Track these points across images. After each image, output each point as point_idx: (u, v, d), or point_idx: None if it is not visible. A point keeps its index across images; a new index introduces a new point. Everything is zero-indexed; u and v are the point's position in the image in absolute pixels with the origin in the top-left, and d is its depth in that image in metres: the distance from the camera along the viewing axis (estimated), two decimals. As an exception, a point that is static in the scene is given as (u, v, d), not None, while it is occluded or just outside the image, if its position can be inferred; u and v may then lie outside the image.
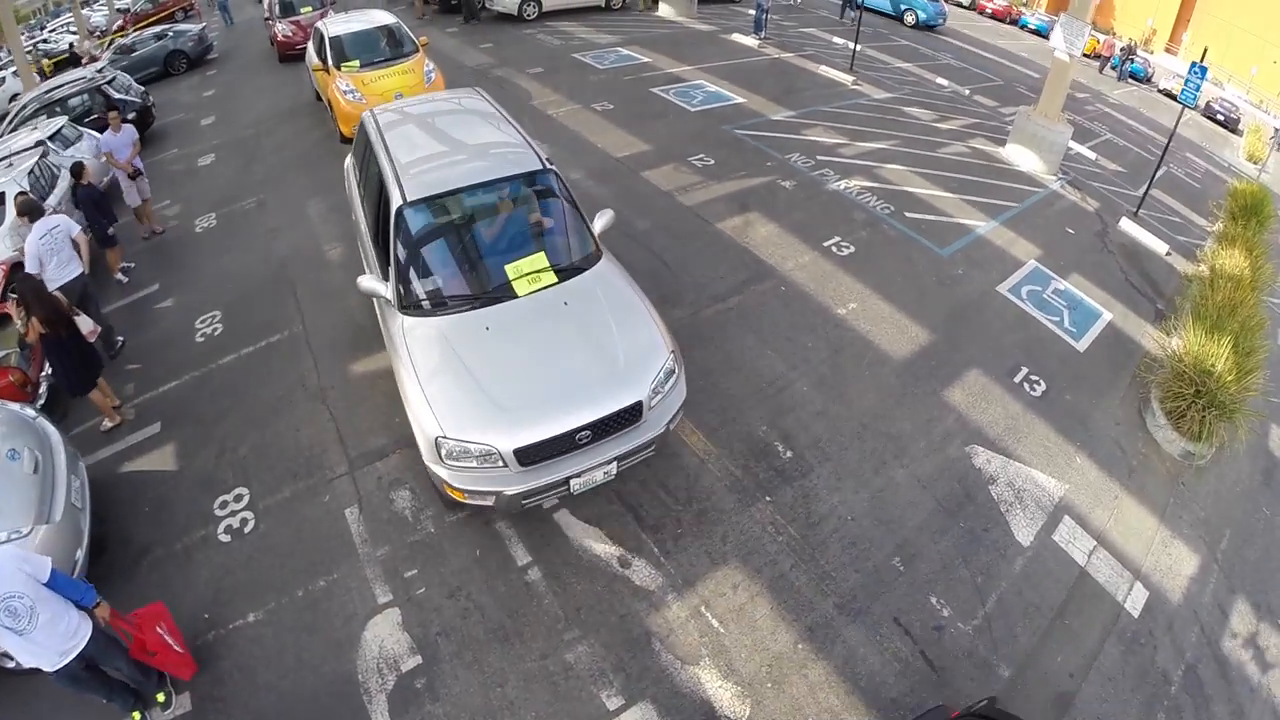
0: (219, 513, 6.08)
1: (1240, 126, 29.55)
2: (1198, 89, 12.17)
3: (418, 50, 12.81)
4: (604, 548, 5.67)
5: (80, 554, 5.31)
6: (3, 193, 9.10)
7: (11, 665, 4.60)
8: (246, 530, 5.92)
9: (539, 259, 5.70)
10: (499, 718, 4.61)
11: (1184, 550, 6.81)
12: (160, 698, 4.84)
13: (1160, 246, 11.66)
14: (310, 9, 19.56)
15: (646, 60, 17.04)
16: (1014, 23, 36.94)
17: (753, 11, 20.73)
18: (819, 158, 12.28)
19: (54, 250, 7.63)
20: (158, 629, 4.71)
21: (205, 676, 4.92)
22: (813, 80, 17.09)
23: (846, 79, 17.35)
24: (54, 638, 4.02)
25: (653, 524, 5.88)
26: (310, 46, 13.59)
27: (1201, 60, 12.12)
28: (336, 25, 13.00)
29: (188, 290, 9.11)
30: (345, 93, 11.63)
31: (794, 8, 26.30)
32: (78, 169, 9.01)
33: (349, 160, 8.15)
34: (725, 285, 8.57)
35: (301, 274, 9.08)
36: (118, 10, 32.01)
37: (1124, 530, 6.80)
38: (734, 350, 7.69)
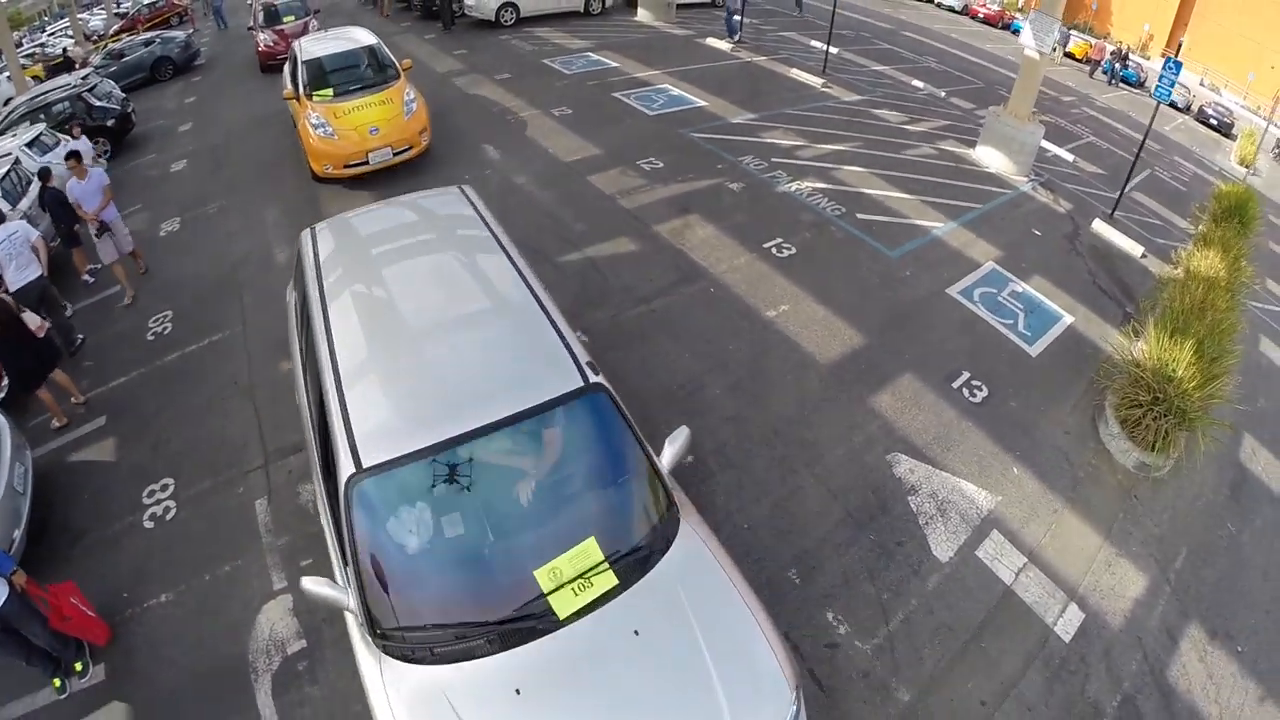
0: (146, 501, 6.39)
1: (1234, 131, 29.57)
2: (1172, 84, 12.17)
3: (399, 76, 11.76)
4: None
5: (18, 534, 5.67)
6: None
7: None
8: (168, 518, 6.23)
9: (588, 550, 3.73)
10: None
11: (1130, 570, 6.46)
12: (78, 666, 5.14)
13: (1135, 249, 11.56)
14: (293, 18, 19.65)
15: (614, 65, 17.25)
16: (1006, 27, 37.04)
17: (742, 20, 20.95)
18: (773, 160, 12.41)
19: (12, 255, 7.97)
20: (69, 602, 5.03)
21: (119, 649, 5.24)
22: (782, 84, 17.24)
23: (817, 82, 17.49)
24: None
25: None
26: (285, 69, 12.84)
27: (1177, 55, 12.21)
28: (312, 46, 12.13)
29: (145, 291, 9.43)
30: (316, 127, 10.59)
31: (774, 13, 26.43)
32: (44, 173, 9.48)
33: (289, 289, 6.54)
34: (652, 287, 8.73)
35: (250, 277, 9.40)
36: (115, 15, 32.60)
37: (1061, 547, 6.48)
38: (650, 354, 7.73)
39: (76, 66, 20.69)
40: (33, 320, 7.20)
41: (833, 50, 20.46)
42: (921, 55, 24.09)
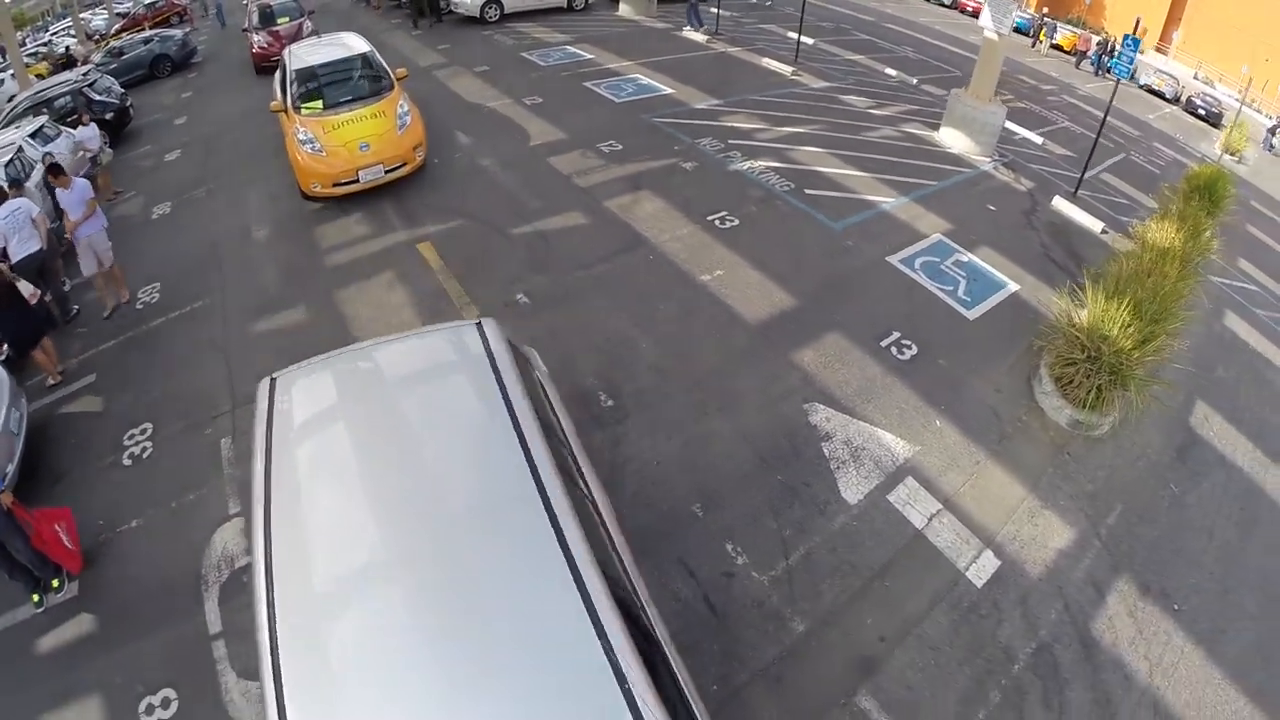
0: (126, 443, 7.12)
1: (1224, 122, 29.67)
2: (1131, 61, 12.34)
3: (393, 86, 11.29)
4: None
5: (11, 468, 6.40)
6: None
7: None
8: (144, 456, 6.96)
9: None
10: None
11: (1056, 522, 6.52)
12: (55, 584, 5.83)
13: (1095, 225, 11.74)
14: (288, 19, 19.74)
15: (589, 57, 17.90)
16: None
17: (719, 12, 21.47)
18: (730, 142, 12.98)
19: (16, 229, 8.70)
20: (56, 527, 5.75)
21: (92, 570, 5.92)
22: (752, 72, 17.79)
23: (786, 70, 18.01)
24: None
25: None
26: (275, 78, 12.22)
27: (1135, 32, 12.56)
28: (302, 54, 11.69)
29: (137, 266, 10.17)
30: (304, 143, 10.16)
31: (757, 6, 26.97)
32: (55, 169, 10.24)
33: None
34: (595, 255, 9.36)
35: (229, 252, 10.16)
36: (117, 15, 33.55)
37: (980, 496, 6.57)
38: (585, 311, 8.31)
39: (79, 64, 21.56)
40: (26, 289, 7.96)
41: (809, 41, 21.08)
42: (900, 45, 24.51)
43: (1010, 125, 16.96)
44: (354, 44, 12.04)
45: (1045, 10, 38.40)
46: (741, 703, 4.88)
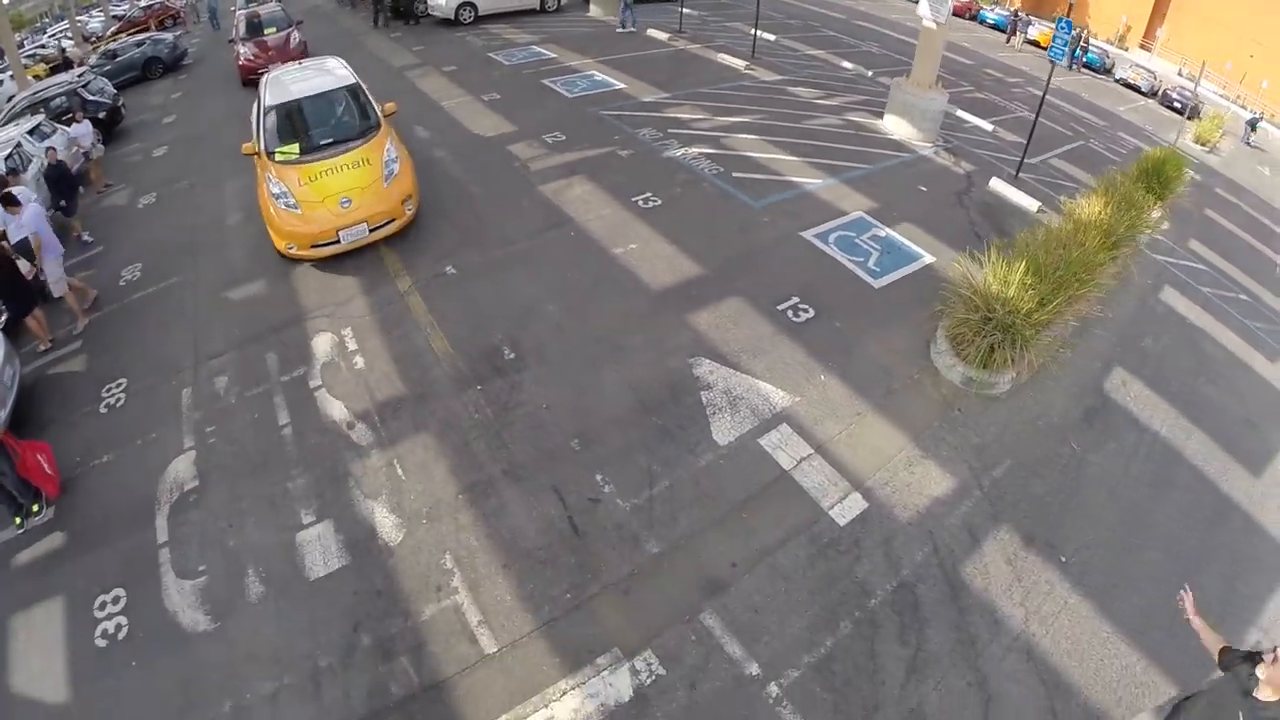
0: (104, 395, 8.25)
1: (1202, 115, 29.33)
2: (1064, 44, 12.63)
3: (379, 126, 10.18)
4: (342, 415, 7.56)
5: (4, 414, 7.54)
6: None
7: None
8: (118, 405, 8.09)
9: None
10: (235, 521, 6.60)
11: (934, 470, 6.80)
12: (35, 508, 6.95)
13: (1032, 204, 12.16)
14: (275, 30, 19.23)
15: (552, 56, 18.97)
16: (973, 17, 37.79)
17: (682, 10, 22.43)
18: (670, 131, 13.97)
19: (26, 200, 9.88)
20: (38, 456, 6.88)
21: (66, 497, 7.03)
22: (706, 67, 18.74)
23: (740, 65, 18.96)
24: None
25: (382, 401, 7.63)
26: (252, 110, 10.97)
27: (1068, 14, 13.02)
28: (280, 85, 10.64)
29: (124, 249, 11.35)
30: (277, 196, 9.13)
31: (726, 5, 27.82)
32: (51, 153, 11.58)
33: None
34: (522, 233, 10.42)
35: (204, 236, 11.30)
36: (113, 17, 34.80)
37: (855, 444, 6.96)
38: (505, 280, 9.34)
39: (75, 66, 22.77)
40: (24, 266, 9.14)
41: (770, 37, 22.04)
42: (864, 41, 25.29)
43: (961, 113, 17.83)
44: (338, 72, 10.96)
45: (1020, 7, 38.83)
46: (590, 611, 5.58)
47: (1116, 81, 31.74)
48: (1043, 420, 7.68)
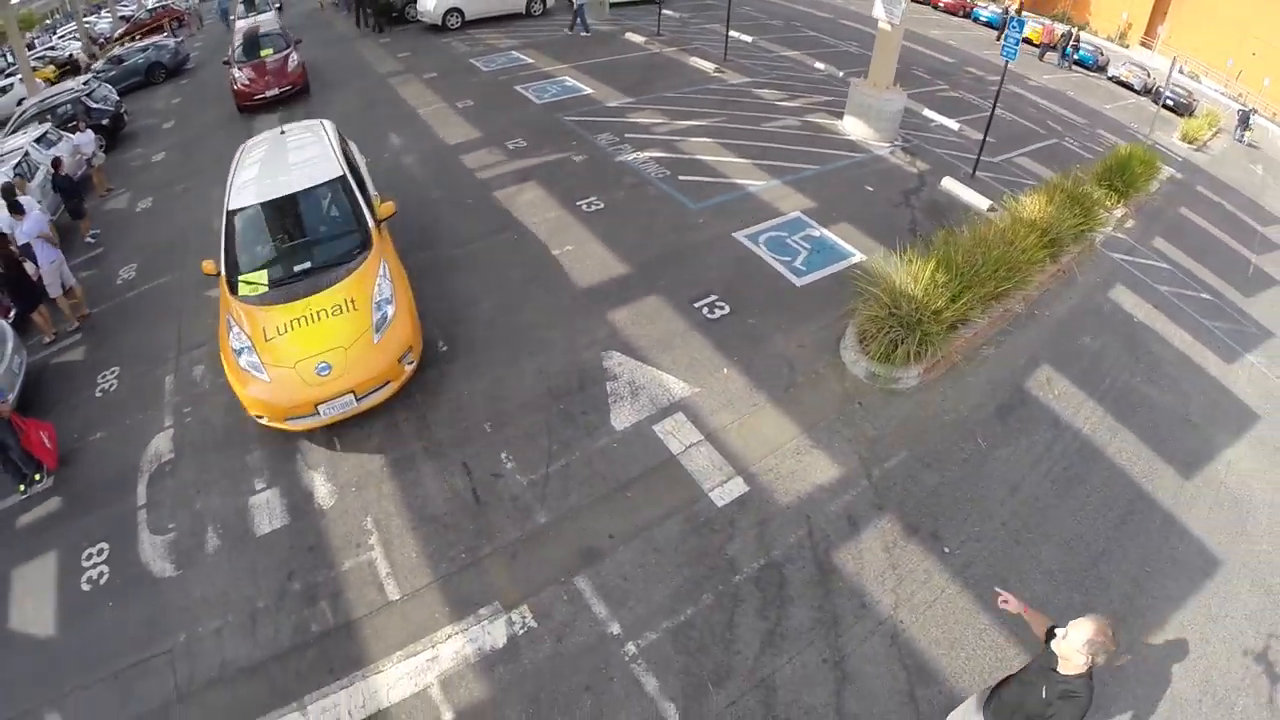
0: (99, 382, 9.54)
1: (1197, 113, 28.83)
2: (1016, 42, 12.61)
3: (370, 244, 8.09)
4: None
5: (11, 396, 8.74)
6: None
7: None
8: (111, 390, 9.37)
9: None
10: (202, 489, 7.78)
11: (822, 460, 7.18)
12: (37, 477, 8.22)
13: (983, 203, 12.32)
14: (272, 51, 18.35)
15: (529, 62, 19.97)
16: (966, 15, 37.67)
17: (660, 13, 23.13)
18: (626, 136, 14.83)
19: (29, 207, 11.09)
20: (41, 434, 8.13)
21: (64, 468, 8.29)
22: (676, 71, 19.49)
23: (710, 67, 19.64)
24: None
25: None
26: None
27: (1019, 14, 13.32)
28: (251, 171, 8.95)
29: (122, 250, 12.66)
30: (238, 352, 7.45)
31: (709, 6, 28.38)
32: (56, 162, 12.87)
33: None
34: (472, 235, 11.48)
35: (194, 238, 12.51)
36: (121, 19, 36.04)
37: (746, 433, 7.45)
38: (448, 280, 10.26)
39: (83, 69, 24.06)
40: (31, 269, 10.46)
41: (747, 39, 22.69)
42: (845, 41, 25.63)
43: (929, 113, 18.00)
44: (327, 155, 8.96)
45: (1015, 4, 38.77)
46: (480, 569, 6.49)
47: (1109, 79, 31.40)
48: (949, 416, 7.89)
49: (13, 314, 10.54)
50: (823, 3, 33.27)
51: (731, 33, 22.61)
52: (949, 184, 13.11)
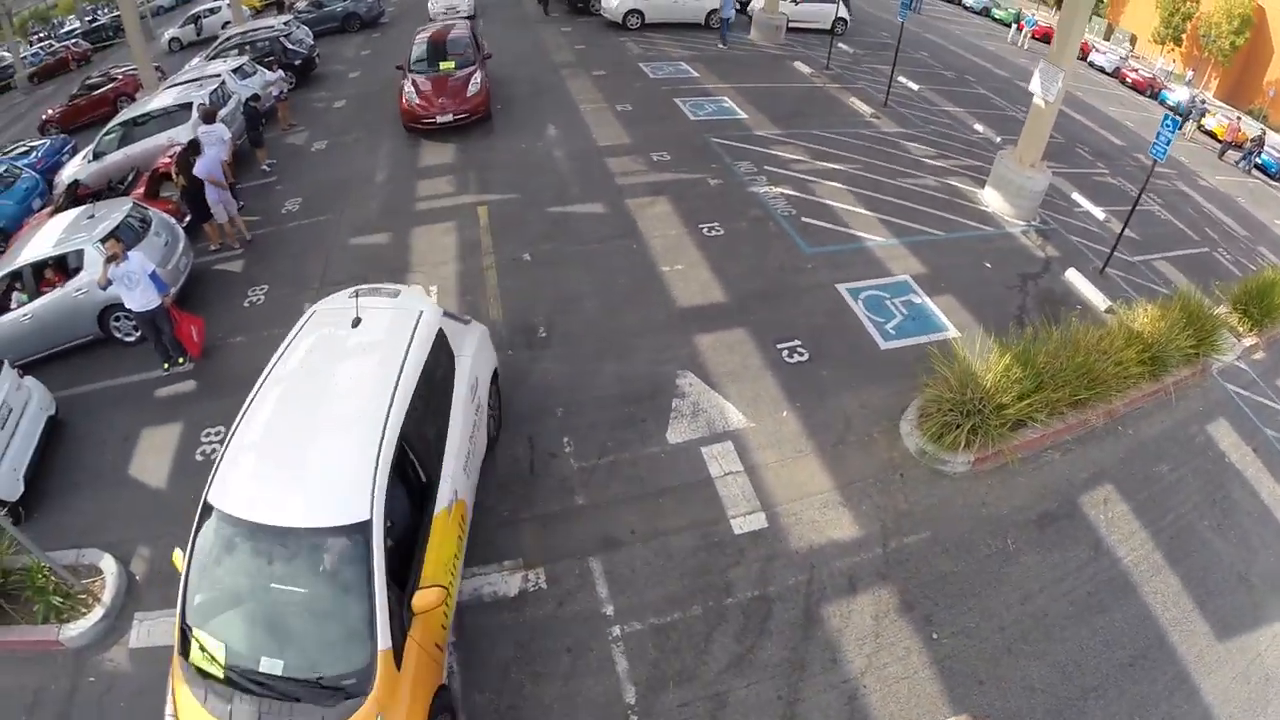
0: (250, 294, 11.10)
1: None
2: (1168, 142, 11.65)
3: (370, 684, 4.71)
4: None
5: (175, 290, 10.29)
6: (190, 103, 14.66)
7: (119, 326, 9.67)
8: (258, 303, 10.90)
9: None
10: None
11: (846, 518, 7.40)
12: (180, 360, 9.69)
13: (1102, 303, 11.76)
14: (454, 65, 16.02)
15: (695, 75, 20.52)
16: (1154, 96, 35.11)
17: (831, 47, 23.02)
18: (766, 167, 15.03)
19: (211, 143, 12.90)
20: (191, 327, 9.56)
21: (205, 359, 9.72)
22: (832, 109, 19.32)
23: (867, 111, 19.27)
24: (143, 298, 8.88)
25: None
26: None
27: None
28: (254, 437, 5.69)
29: (292, 184, 14.34)
30: None
31: (888, 46, 27.98)
32: (254, 97, 14.76)
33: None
34: (594, 237, 12.27)
35: (355, 186, 14.06)
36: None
37: (785, 476, 7.75)
38: (564, 273, 11.21)
39: (286, 7, 26.35)
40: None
41: (914, 87, 22.07)
42: (1013, 105, 24.74)
43: (1077, 196, 16.67)
44: (366, 434, 5.55)
45: (1191, 90, 36.20)
46: (516, 528, 7.27)
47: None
48: (988, 509, 7.76)
49: (187, 219, 12.21)
50: (1006, 61, 31.95)
51: (900, 78, 22.15)
52: (1072, 275, 12.55)
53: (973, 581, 7.06)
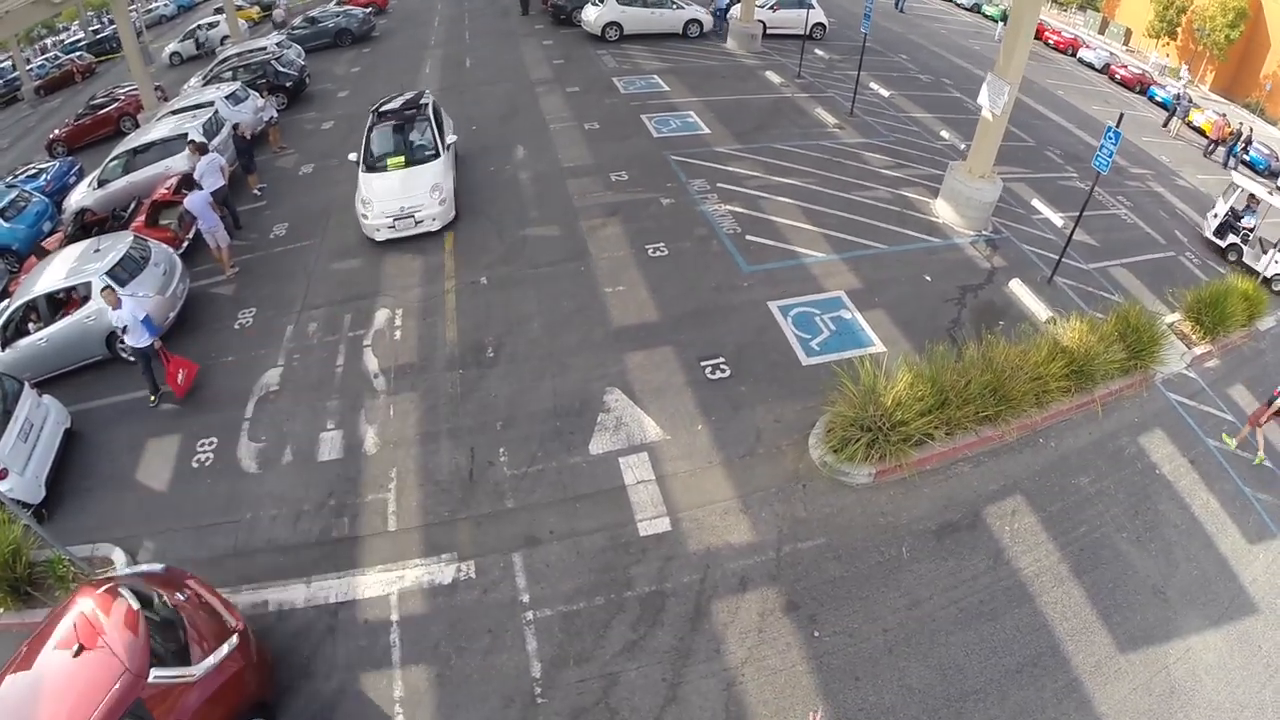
0: (239, 318, 12.48)
1: None
2: (1110, 154, 11.67)
3: None
4: (373, 368, 11.18)
5: (171, 316, 11.80)
6: (186, 133, 15.94)
7: (124, 348, 11.02)
8: (246, 325, 12.27)
9: None
10: (291, 417, 10.35)
11: (743, 524, 8.09)
12: (158, 400, 10.92)
13: (1044, 314, 11.88)
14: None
15: (665, 89, 21.38)
16: (1143, 92, 34.44)
17: (802, 56, 23.50)
18: (719, 184, 15.70)
19: (210, 171, 14.33)
20: (180, 371, 10.77)
21: (191, 395, 11.00)
22: (797, 120, 19.65)
23: (831, 121, 19.66)
24: (138, 338, 10.22)
25: (400, 364, 11.10)
26: None
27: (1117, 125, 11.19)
28: None
29: (280, 208, 15.68)
30: None
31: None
32: (235, 126, 16.17)
33: None
34: (547, 260, 13.42)
35: (337, 211, 15.33)
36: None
37: (692, 484, 8.58)
38: (516, 295, 12.38)
39: (280, 23, 27.17)
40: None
41: (885, 93, 22.46)
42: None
43: (1037, 203, 16.80)
44: None
45: (1184, 85, 35.74)
46: (453, 527, 8.48)
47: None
48: (886, 519, 8.21)
49: (184, 246, 13.60)
50: (988, 61, 31.39)
51: (872, 84, 22.77)
52: (1016, 286, 12.63)
53: (861, 586, 7.51)
